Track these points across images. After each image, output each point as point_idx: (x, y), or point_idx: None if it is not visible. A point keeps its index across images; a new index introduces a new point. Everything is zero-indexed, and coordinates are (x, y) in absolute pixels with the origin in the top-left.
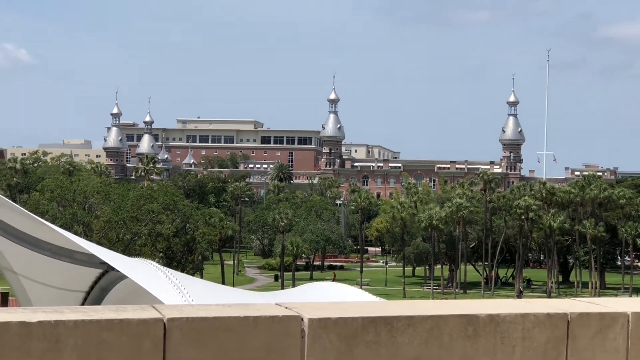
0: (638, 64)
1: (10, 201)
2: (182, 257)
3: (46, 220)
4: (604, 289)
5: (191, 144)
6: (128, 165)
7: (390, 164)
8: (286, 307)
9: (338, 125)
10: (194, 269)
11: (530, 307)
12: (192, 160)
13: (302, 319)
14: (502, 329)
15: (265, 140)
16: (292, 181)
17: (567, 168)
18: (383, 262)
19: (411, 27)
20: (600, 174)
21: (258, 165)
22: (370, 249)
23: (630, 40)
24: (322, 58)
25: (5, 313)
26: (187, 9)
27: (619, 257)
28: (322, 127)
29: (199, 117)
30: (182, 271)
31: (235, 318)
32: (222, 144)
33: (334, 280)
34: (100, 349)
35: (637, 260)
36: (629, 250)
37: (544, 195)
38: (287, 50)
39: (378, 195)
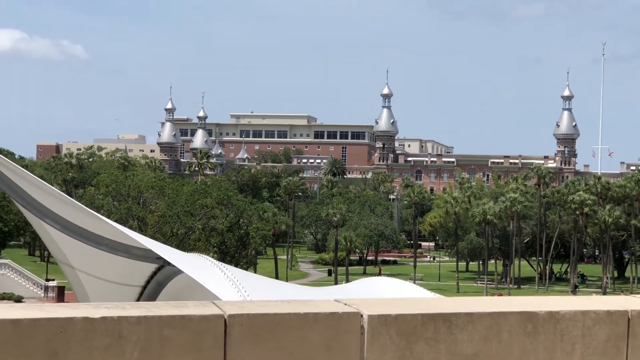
0: None
1: (67, 196)
2: (236, 251)
3: (101, 215)
4: None
5: (244, 138)
6: (182, 160)
7: (443, 159)
8: (345, 304)
9: (391, 120)
10: (248, 263)
11: (590, 304)
12: (246, 155)
13: (361, 316)
14: (562, 327)
15: (318, 135)
16: (345, 176)
17: (622, 162)
18: (430, 258)
19: (465, 20)
20: None
21: (311, 160)
22: (423, 243)
23: None
24: (375, 52)
25: (69, 309)
26: (241, 3)
27: None
28: (376, 121)
29: (252, 112)
30: (236, 266)
31: (295, 314)
32: (276, 139)
33: (379, 274)
34: (162, 344)
35: None
36: None
37: (598, 190)
38: (340, 44)
39: (431, 190)
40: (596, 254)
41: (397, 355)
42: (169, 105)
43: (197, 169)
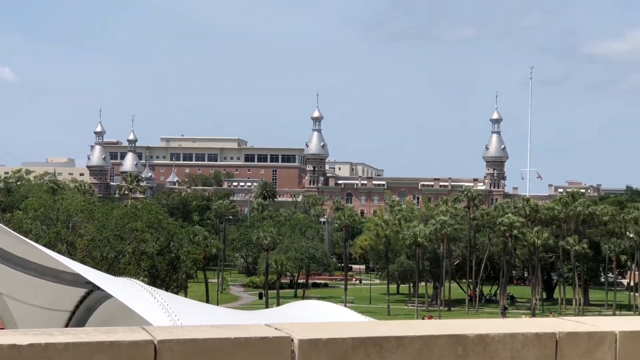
0: (621, 80)
1: None
2: (166, 275)
3: (30, 239)
4: (587, 306)
5: (175, 162)
6: (112, 183)
7: (374, 182)
8: (276, 328)
9: (322, 143)
10: (178, 287)
11: (519, 327)
12: (176, 179)
13: (292, 340)
14: (491, 349)
15: (249, 158)
16: (276, 199)
17: (550, 185)
18: (356, 281)
19: (396, 43)
20: (583, 190)
21: (242, 183)
22: (354, 266)
23: (613, 57)
24: (306, 75)
25: None
26: (171, 26)
27: (603, 274)
28: (306, 145)
29: (182, 135)
30: (167, 290)
31: (225, 340)
32: (206, 162)
33: (303, 297)
34: None
35: (620, 277)
36: (612, 267)
37: (527, 212)
38: (271, 67)
39: (362, 212)
40: (525, 275)
41: None
42: (99, 129)
43: (127, 192)
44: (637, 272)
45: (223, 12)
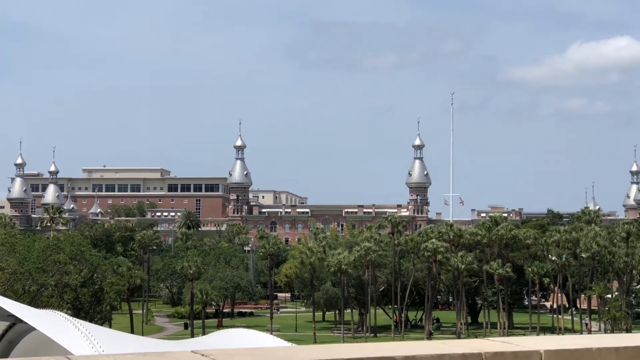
0: (539, 105)
1: None
2: (90, 307)
3: None
4: (512, 329)
5: (97, 193)
6: (33, 215)
7: (297, 210)
8: (202, 354)
9: (245, 172)
10: (102, 319)
11: (445, 348)
12: (99, 210)
13: None
14: None
15: (172, 188)
16: (200, 228)
17: (473, 210)
18: (276, 309)
19: (317, 71)
20: (505, 215)
21: (165, 214)
22: (280, 294)
23: (532, 83)
24: (228, 103)
25: None
26: (90, 56)
27: (526, 297)
28: (229, 173)
29: (104, 166)
30: (91, 321)
31: None
32: (129, 193)
33: (218, 327)
34: None
35: (543, 300)
36: (536, 290)
37: (451, 237)
38: (192, 96)
39: (286, 240)
40: (450, 300)
41: None
42: (19, 160)
43: (49, 224)
44: (559, 295)
45: (143, 41)
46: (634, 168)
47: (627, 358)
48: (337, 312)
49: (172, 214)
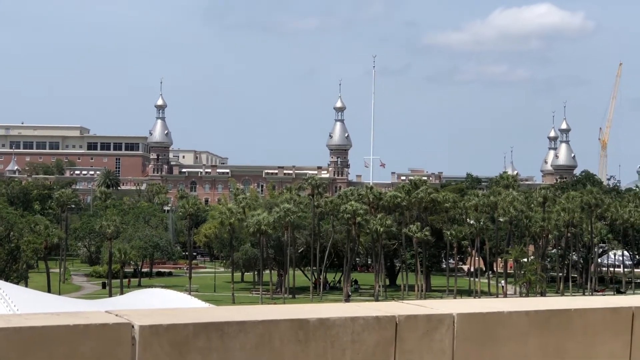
0: (460, 71)
1: None
2: (6, 265)
3: None
4: (429, 292)
5: (15, 150)
6: None
7: (218, 170)
8: (116, 315)
9: (165, 131)
10: (19, 277)
11: (359, 311)
12: (16, 167)
13: (132, 326)
14: (332, 333)
15: (91, 146)
16: (119, 187)
17: (393, 173)
18: (195, 269)
19: (240, 32)
20: (425, 178)
21: (84, 172)
22: (199, 255)
23: (453, 48)
24: (150, 63)
25: None
26: (11, 10)
27: (444, 260)
28: (150, 133)
29: (22, 123)
30: (6, 280)
31: (64, 327)
32: (48, 150)
33: (127, 286)
34: None
35: (461, 263)
36: (454, 253)
37: (371, 199)
38: (114, 55)
39: (206, 201)
40: (369, 262)
41: None
42: None
43: None
44: (477, 258)
45: None
46: (552, 134)
47: (538, 321)
48: (256, 273)
49: (92, 172)
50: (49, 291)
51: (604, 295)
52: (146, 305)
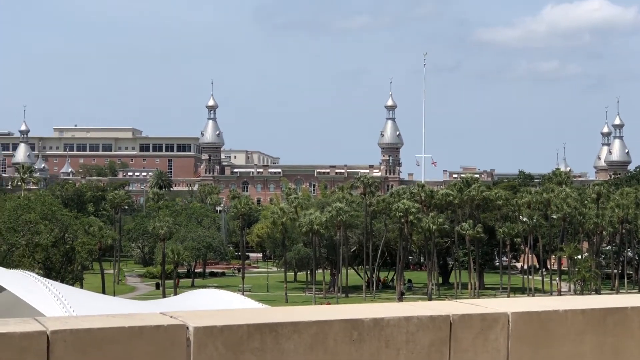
0: (512, 67)
1: None
2: (62, 267)
3: None
4: (482, 290)
5: (69, 152)
6: (4, 175)
7: (269, 170)
8: (171, 316)
9: (217, 132)
10: (74, 279)
11: (413, 310)
12: (70, 169)
13: (187, 328)
14: (387, 333)
15: (144, 147)
16: (171, 188)
17: (445, 171)
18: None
19: (288, 33)
20: (477, 176)
21: (137, 173)
22: (251, 254)
23: (504, 45)
24: (200, 64)
25: None
26: (62, 14)
27: (497, 258)
28: (201, 133)
29: (76, 126)
30: (62, 282)
31: (119, 329)
32: (100, 152)
33: (176, 287)
34: None
35: (514, 261)
36: (506, 251)
37: (423, 198)
38: (165, 56)
39: (258, 201)
40: (422, 260)
41: None
42: None
43: (19, 184)
44: (530, 256)
45: (117, 1)
46: (605, 130)
47: (594, 319)
48: (308, 272)
49: (144, 173)
50: (103, 292)
51: None
52: (199, 305)
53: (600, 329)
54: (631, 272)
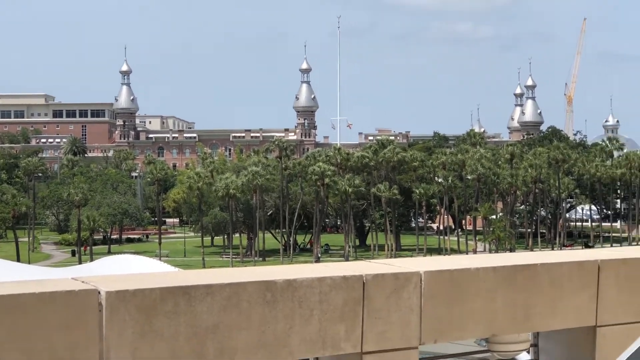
0: (427, 29)
1: None
2: None
3: None
4: (399, 251)
5: None
6: None
7: (185, 135)
8: (83, 281)
9: (131, 97)
10: None
11: (326, 271)
12: None
13: (99, 292)
14: (300, 294)
15: (57, 114)
16: (86, 155)
17: (360, 133)
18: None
19: None
20: (392, 138)
21: (51, 140)
22: (168, 220)
23: (418, 7)
24: (113, 28)
25: None
26: None
27: (413, 219)
28: (115, 99)
29: None
30: None
31: (30, 295)
32: (13, 119)
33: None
34: None
35: (430, 222)
36: (422, 212)
37: (338, 160)
38: (77, 21)
39: (174, 166)
40: (338, 223)
41: (137, 331)
42: None
43: None
44: (445, 216)
45: None
46: (518, 90)
47: (504, 276)
48: (225, 236)
49: (58, 140)
50: (18, 260)
51: (572, 249)
52: (115, 271)
53: (511, 285)
54: (544, 230)
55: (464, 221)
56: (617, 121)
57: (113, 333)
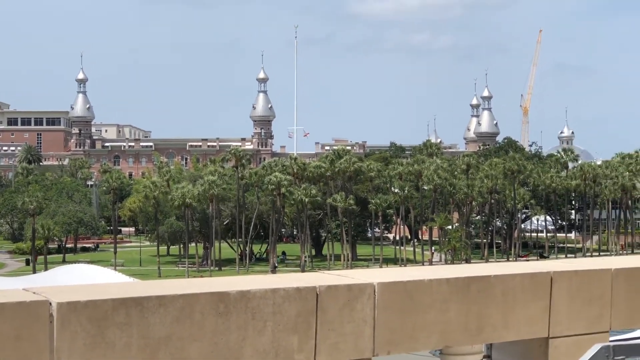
0: (384, 39)
1: None
2: None
3: None
4: (355, 261)
5: None
6: None
7: (141, 143)
8: (34, 292)
9: (87, 105)
10: None
11: (280, 282)
12: None
13: (50, 304)
14: (253, 305)
15: (11, 122)
16: (41, 163)
17: (317, 143)
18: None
19: (160, 3)
20: (349, 147)
21: (5, 148)
22: (124, 229)
23: (376, 17)
24: (69, 36)
25: None
26: None
27: (370, 229)
28: (71, 107)
29: None
30: None
31: None
32: None
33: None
34: None
35: (386, 232)
36: (379, 222)
37: (295, 170)
38: (33, 27)
39: (130, 175)
40: (294, 233)
41: (89, 342)
42: None
43: None
44: (402, 226)
45: None
46: (474, 101)
47: (458, 287)
48: (181, 246)
49: (12, 148)
50: None
51: (527, 260)
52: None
53: (465, 297)
54: (500, 241)
55: (420, 231)
56: (572, 132)
57: (64, 344)
